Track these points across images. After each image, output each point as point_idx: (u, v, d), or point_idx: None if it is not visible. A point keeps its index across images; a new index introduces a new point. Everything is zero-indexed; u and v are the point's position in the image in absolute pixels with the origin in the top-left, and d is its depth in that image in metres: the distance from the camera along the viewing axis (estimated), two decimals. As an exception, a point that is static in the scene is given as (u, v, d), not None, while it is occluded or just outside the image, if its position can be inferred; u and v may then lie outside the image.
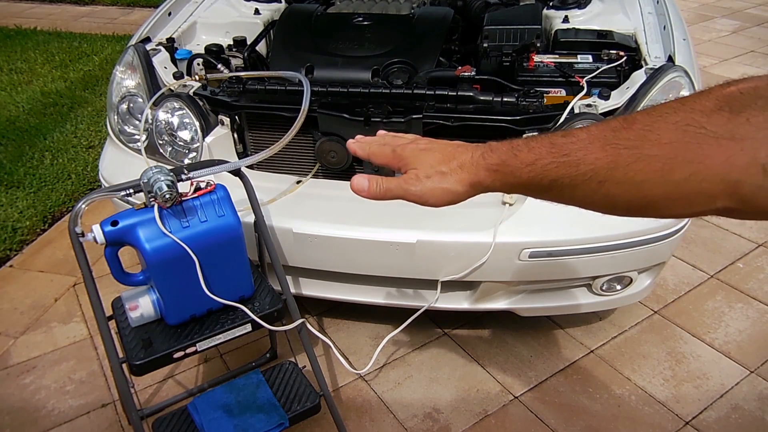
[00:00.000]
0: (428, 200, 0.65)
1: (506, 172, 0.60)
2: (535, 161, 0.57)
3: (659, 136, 0.49)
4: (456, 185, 0.64)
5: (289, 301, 1.59)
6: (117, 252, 1.34)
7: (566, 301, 1.84)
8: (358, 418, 1.80)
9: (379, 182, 0.68)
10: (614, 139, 0.52)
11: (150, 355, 1.37)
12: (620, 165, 0.51)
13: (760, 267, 2.37)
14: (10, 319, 2.19)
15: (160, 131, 1.83)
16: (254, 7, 2.29)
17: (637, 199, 0.52)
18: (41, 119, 3.52)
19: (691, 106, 0.49)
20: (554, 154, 0.56)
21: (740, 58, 4.37)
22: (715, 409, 1.81)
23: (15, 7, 5.95)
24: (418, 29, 1.99)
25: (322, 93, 1.70)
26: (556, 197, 0.58)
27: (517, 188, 0.61)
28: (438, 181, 0.64)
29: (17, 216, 2.67)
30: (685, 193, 0.49)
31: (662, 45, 1.85)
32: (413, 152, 0.67)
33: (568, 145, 0.55)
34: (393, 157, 0.69)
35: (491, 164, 0.61)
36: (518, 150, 0.59)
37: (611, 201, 0.54)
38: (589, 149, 0.53)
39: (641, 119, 0.52)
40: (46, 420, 1.82)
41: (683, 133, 0.48)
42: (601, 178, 0.53)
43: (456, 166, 0.64)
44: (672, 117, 0.49)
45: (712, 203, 0.49)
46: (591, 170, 0.53)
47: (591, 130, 0.55)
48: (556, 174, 0.56)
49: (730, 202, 0.48)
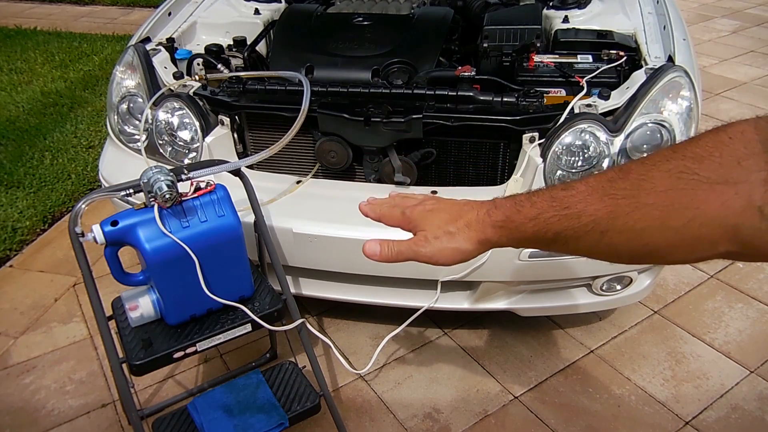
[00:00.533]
0: (438, 260, 0.67)
1: (511, 227, 0.62)
2: (538, 215, 0.59)
3: (654, 184, 0.51)
4: (465, 244, 0.65)
5: (289, 301, 1.59)
6: (117, 252, 1.34)
7: (566, 301, 1.84)
8: (358, 418, 1.80)
9: (391, 246, 0.70)
10: (611, 189, 0.54)
11: (150, 355, 1.37)
12: (620, 215, 0.53)
13: (760, 267, 2.37)
14: (10, 319, 2.19)
15: (160, 131, 1.83)
16: (254, 7, 2.29)
17: (640, 247, 0.53)
18: (41, 119, 3.52)
19: (682, 153, 0.50)
20: (555, 207, 0.57)
21: (740, 58, 4.37)
22: (715, 409, 1.81)
23: (15, 7, 5.95)
24: (418, 29, 1.99)
25: (322, 93, 1.70)
26: (561, 249, 0.60)
27: (524, 242, 0.63)
28: (447, 242, 0.66)
29: (17, 216, 2.67)
30: (686, 239, 0.50)
31: (662, 45, 1.85)
32: (421, 214, 0.69)
33: (568, 198, 0.57)
34: (402, 219, 0.71)
35: (496, 221, 0.63)
36: (521, 205, 0.61)
37: (615, 250, 0.55)
38: (588, 201, 0.55)
39: (636, 168, 0.53)
40: (46, 420, 1.82)
41: (677, 180, 0.49)
42: (603, 228, 0.54)
43: (463, 225, 0.66)
44: (665, 165, 0.50)
45: (714, 248, 0.49)
46: (592, 221, 0.54)
47: (589, 181, 0.56)
48: (558, 227, 0.57)
49: (732, 246, 0.48)
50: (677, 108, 1.64)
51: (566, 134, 1.61)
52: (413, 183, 1.74)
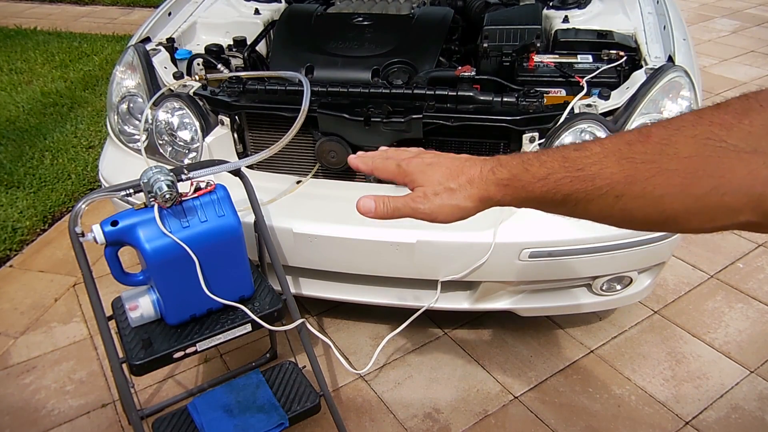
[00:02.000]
0: (437, 217, 0.64)
1: (517, 186, 0.59)
2: (548, 176, 0.56)
3: (677, 149, 0.49)
4: (465, 201, 0.63)
5: (289, 301, 1.59)
6: (117, 252, 1.34)
7: (566, 301, 1.84)
8: (358, 418, 1.80)
9: (386, 202, 0.66)
10: (630, 153, 0.51)
11: (150, 355, 1.37)
12: (638, 180, 0.51)
13: (760, 267, 2.37)
14: (10, 319, 2.20)
15: (160, 131, 1.83)
16: (254, 7, 2.29)
17: (656, 213, 0.51)
18: (41, 119, 3.52)
19: (709, 119, 0.48)
20: (567, 168, 0.55)
21: (740, 58, 4.37)
22: (715, 409, 1.81)
23: (15, 7, 5.95)
24: (418, 29, 1.99)
25: (322, 93, 1.70)
26: (569, 212, 0.57)
27: (529, 203, 0.60)
28: (447, 198, 0.63)
29: (17, 216, 2.67)
30: (707, 207, 0.48)
31: (662, 45, 1.85)
32: (419, 167, 0.66)
33: (582, 159, 0.54)
34: (398, 171, 0.68)
35: (501, 179, 0.60)
36: (529, 164, 0.58)
37: (628, 215, 0.53)
38: (604, 163, 0.53)
39: (657, 132, 0.51)
40: (46, 420, 1.82)
41: (703, 146, 0.47)
42: (618, 193, 0.52)
43: (465, 181, 0.63)
44: (690, 130, 0.49)
45: (735, 217, 0.48)
46: (607, 185, 0.52)
47: (604, 143, 0.54)
48: (570, 189, 0.55)
49: (754, 216, 0.47)
50: (677, 108, 1.64)
51: (566, 134, 1.61)
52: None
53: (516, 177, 0.59)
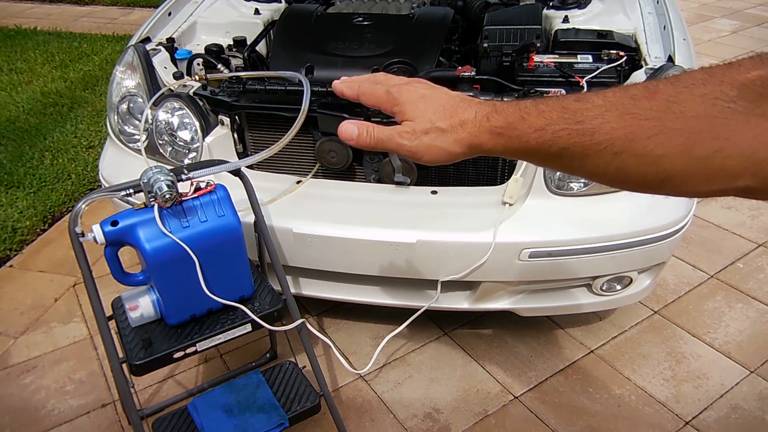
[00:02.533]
0: (422, 157, 0.61)
1: (512, 136, 0.56)
2: (545, 126, 0.53)
3: (684, 108, 0.46)
4: (454, 146, 0.59)
5: (289, 301, 1.59)
6: (117, 252, 1.34)
7: (566, 301, 1.84)
8: (358, 418, 1.80)
9: (370, 130, 0.62)
10: (634, 108, 0.49)
11: (150, 355, 1.37)
12: (639, 137, 0.48)
13: (760, 267, 2.37)
14: (10, 319, 2.20)
15: (160, 131, 1.83)
16: (254, 7, 2.29)
17: (654, 173, 0.49)
18: (41, 119, 3.52)
19: (720, 78, 0.46)
20: (567, 120, 0.52)
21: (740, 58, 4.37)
22: (715, 409, 1.81)
23: (15, 7, 5.95)
24: (418, 29, 1.99)
25: (322, 93, 1.70)
26: (564, 166, 0.54)
27: (521, 153, 0.57)
28: (435, 138, 0.60)
29: (17, 216, 2.67)
30: (707, 170, 0.46)
31: (662, 45, 1.85)
32: (411, 97, 0.62)
33: (583, 111, 0.51)
34: (387, 98, 0.63)
35: (495, 127, 0.57)
36: (526, 113, 0.55)
37: (625, 174, 0.51)
38: (605, 117, 0.50)
39: (664, 89, 0.48)
40: (46, 420, 1.82)
41: (711, 106, 0.45)
42: (617, 150, 0.49)
43: (457, 123, 0.59)
44: (699, 89, 0.46)
45: (734, 182, 0.46)
46: (606, 140, 0.50)
47: (607, 95, 0.51)
48: (567, 141, 0.52)
49: (753, 181, 0.45)
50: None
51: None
52: (413, 183, 1.74)
53: (511, 125, 0.56)
